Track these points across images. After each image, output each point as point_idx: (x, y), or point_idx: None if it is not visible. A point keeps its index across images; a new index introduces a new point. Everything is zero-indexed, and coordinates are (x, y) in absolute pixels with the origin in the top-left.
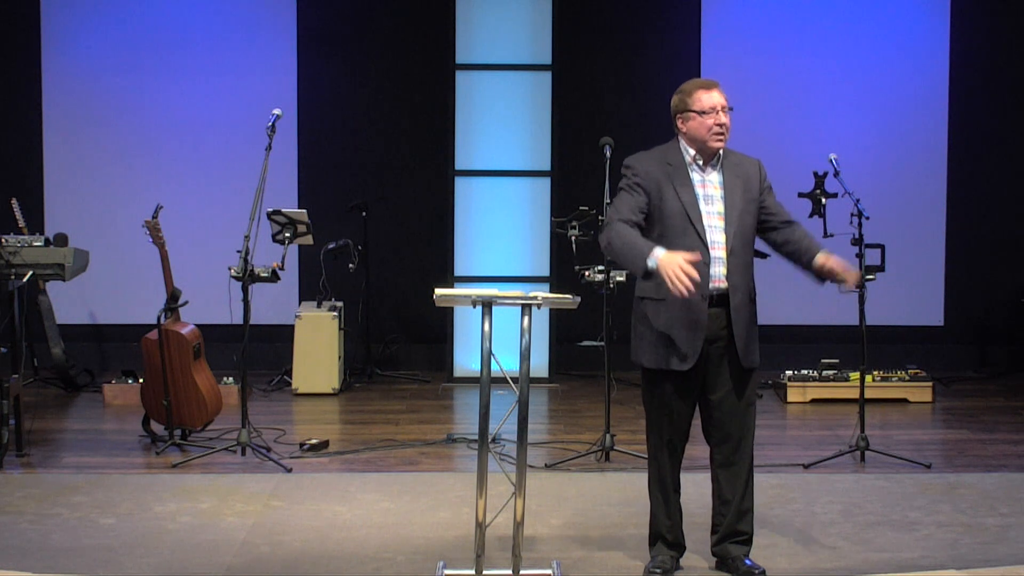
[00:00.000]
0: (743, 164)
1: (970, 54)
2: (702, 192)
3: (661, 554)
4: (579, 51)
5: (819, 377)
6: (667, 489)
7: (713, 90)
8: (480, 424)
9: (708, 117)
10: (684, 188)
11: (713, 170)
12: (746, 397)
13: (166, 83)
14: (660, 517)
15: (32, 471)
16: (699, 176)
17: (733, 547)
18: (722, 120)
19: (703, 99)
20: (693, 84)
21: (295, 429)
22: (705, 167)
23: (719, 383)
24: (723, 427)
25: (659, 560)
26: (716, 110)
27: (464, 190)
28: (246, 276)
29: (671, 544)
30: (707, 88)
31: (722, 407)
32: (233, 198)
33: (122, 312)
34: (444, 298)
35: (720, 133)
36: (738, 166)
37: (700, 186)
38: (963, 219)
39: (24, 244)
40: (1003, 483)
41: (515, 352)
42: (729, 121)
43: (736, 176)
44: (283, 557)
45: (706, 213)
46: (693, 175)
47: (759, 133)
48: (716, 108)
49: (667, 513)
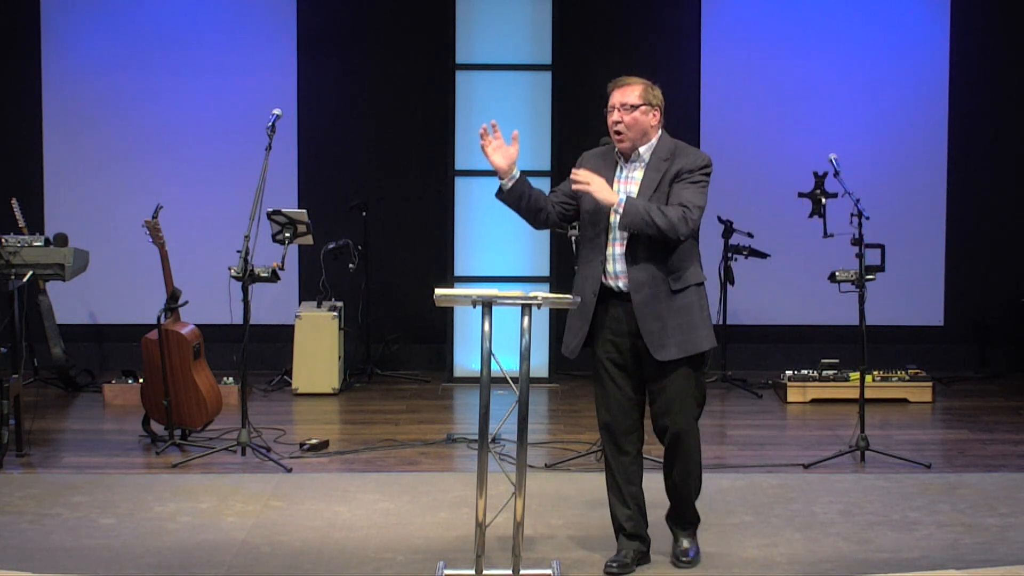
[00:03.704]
0: (676, 159)
1: (970, 54)
2: (622, 189)
3: (623, 547)
4: (579, 51)
5: (819, 377)
6: (614, 477)
7: (617, 89)
8: (480, 424)
9: (610, 116)
10: None
11: (636, 167)
12: (677, 387)
13: (166, 83)
14: (614, 507)
15: (32, 471)
16: (625, 173)
17: (676, 528)
18: (616, 118)
19: (609, 98)
20: (611, 83)
21: (295, 429)
22: (627, 164)
23: (652, 375)
24: (658, 419)
25: (622, 554)
26: (614, 108)
27: (464, 190)
28: (246, 276)
29: (630, 535)
30: (617, 86)
31: (656, 399)
32: (233, 198)
33: (122, 312)
34: (444, 298)
35: (616, 131)
36: (667, 161)
37: (623, 183)
38: (963, 219)
39: (24, 244)
40: (1003, 483)
41: (515, 352)
42: (632, 119)
43: (657, 171)
44: (283, 557)
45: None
46: (620, 172)
47: (759, 133)
48: (614, 106)
49: (620, 502)
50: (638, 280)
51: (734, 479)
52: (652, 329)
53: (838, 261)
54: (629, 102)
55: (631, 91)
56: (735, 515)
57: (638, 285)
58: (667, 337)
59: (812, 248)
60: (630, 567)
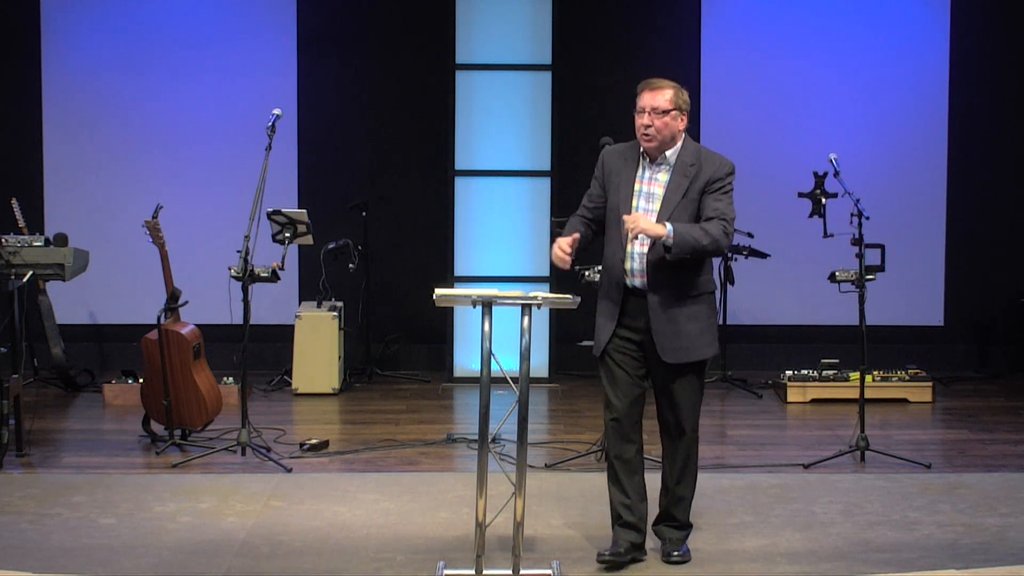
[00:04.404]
0: (702, 164)
1: (970, 54)
2: (646, 189)
3: (618, 537)
4: (579, 51)
5: (819, 377)
6: (615, 470)
7: (653, 91)
8: (480, 424)
9: (639, 117)
10: (625, 184)
11: (661, 169)
12: (681, 390)
13: (166, 83)
14: (614, 496)
15: (32, 471)
16: (649, 173)
17: (667, 530)
18: (646, 121)
19: (640, 99)
20: (643, 83)
21: (295, 429)
22: (653, 165)
23: (657, 373)
24: (662, 415)
25: (617, 545)
26: (644, 111)
27: (464, 190)
28: (246, 276)
29: (626, 524)
30: (649, 88)
31: (661, 397)
32: (233, 198)
33: (122, 312)
34: (444, 298)
35: (645, 134)
36: (693, 167)
37: (646, 183)
38: (963, 219)
39: (24, 244)
40: (1003, 483)
41: (515, 352)
42: (662, 123)
43: (684, 176)
44: (283, 557)
45: (644, 210)
46: (644, 172)
47: (759, 133)
48: (644, 109)
49: (620, 491)
50: (656, 281)
51: (734, 479)
52: (664, 331)
53: (838, 261)
54: (660, 107)
55: (662, 95)
56: (735, 515)
57: (656, 286)
58: (677, 340)
59: (812, 248)
60: (623, 556)
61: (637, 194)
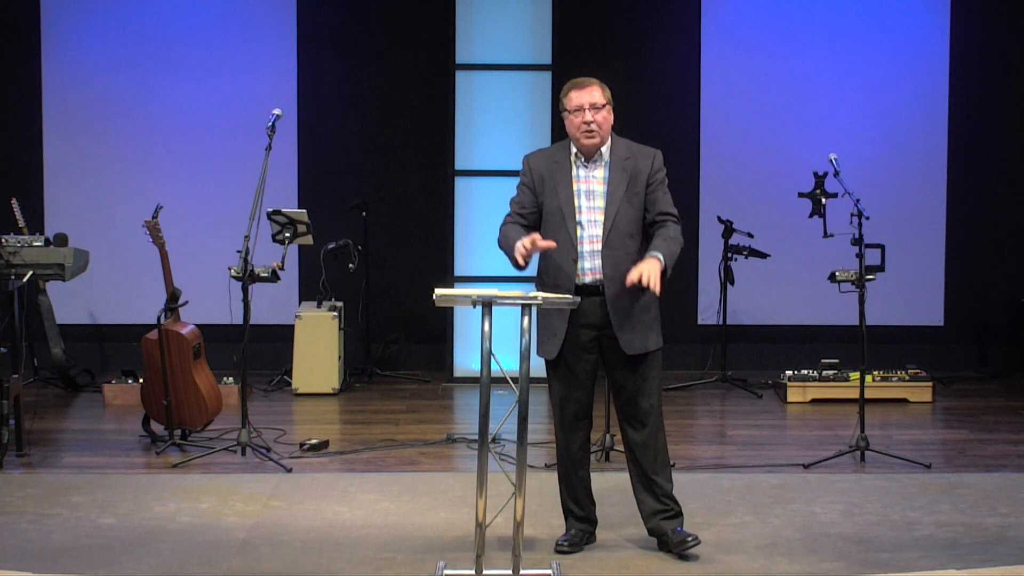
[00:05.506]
0: (635, 157)
1: (970, 54)
2: (585, 188)
3: (571, 528)
4: (579, 51)
5: (819, 377)
6: (565, 467)
7: (584, 88)
8: (480, 424)
9: (576, 115)
10: (563, 186)
11: (597, 166)
12: (642, 382)
13: (166, 83)
14: (564, 493)
15: (32, 471)
16: (584, 172)
17: (664, 523)
18: (588, 118)
19: (573, 98)
20: (569, 84)
21: (295, 429)
22: (588, 163)
23: (616, 368)
24: (627, 410)
25: (571, 534)
26: (583, 108)
27: (464, 190)
28: (246, 276)
29: (579, 518)
30: (578, 87)
31: (622, 392)
32: (233, 198)
33: (122, 312)
34: (444, 298)
35: (589, 131)
36: (628, 160)
37: (584, 182)
38: (963, 219)
39: (24, 244)
40: (1003, 483)
41: (515, 352)
42: (602, 118)
43: (623, 170)
44: (283, 557)
45: (587, 208)
46: (578, 172)
47: (759, 133)
48: (583, 106)
49: (569, 487)
50: (610, 277)
51: (734, 479)
52: (621, 324)
53: (838, 261)
54: (597, 102)
55: (595, 91)
56: (735, 515)
57: (610, 281)
58: (634, 332)
59: (812, 248)
60: (579, 546)
61: (577, 193)
